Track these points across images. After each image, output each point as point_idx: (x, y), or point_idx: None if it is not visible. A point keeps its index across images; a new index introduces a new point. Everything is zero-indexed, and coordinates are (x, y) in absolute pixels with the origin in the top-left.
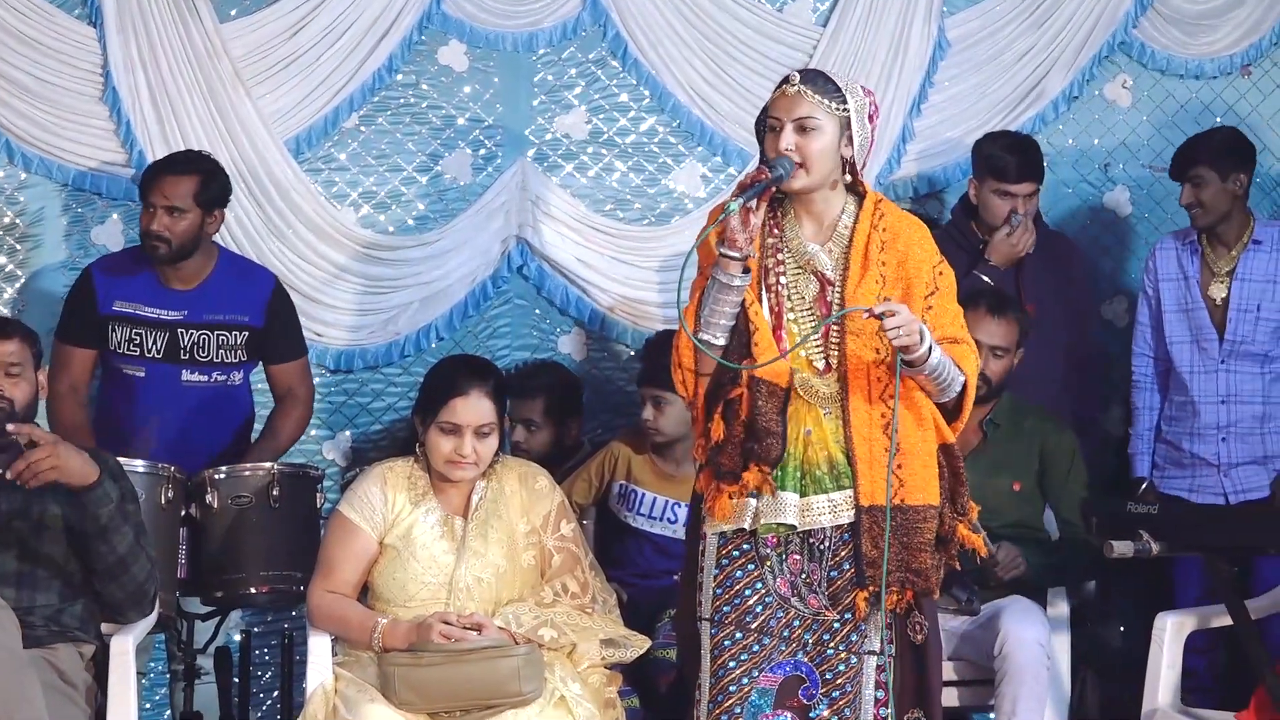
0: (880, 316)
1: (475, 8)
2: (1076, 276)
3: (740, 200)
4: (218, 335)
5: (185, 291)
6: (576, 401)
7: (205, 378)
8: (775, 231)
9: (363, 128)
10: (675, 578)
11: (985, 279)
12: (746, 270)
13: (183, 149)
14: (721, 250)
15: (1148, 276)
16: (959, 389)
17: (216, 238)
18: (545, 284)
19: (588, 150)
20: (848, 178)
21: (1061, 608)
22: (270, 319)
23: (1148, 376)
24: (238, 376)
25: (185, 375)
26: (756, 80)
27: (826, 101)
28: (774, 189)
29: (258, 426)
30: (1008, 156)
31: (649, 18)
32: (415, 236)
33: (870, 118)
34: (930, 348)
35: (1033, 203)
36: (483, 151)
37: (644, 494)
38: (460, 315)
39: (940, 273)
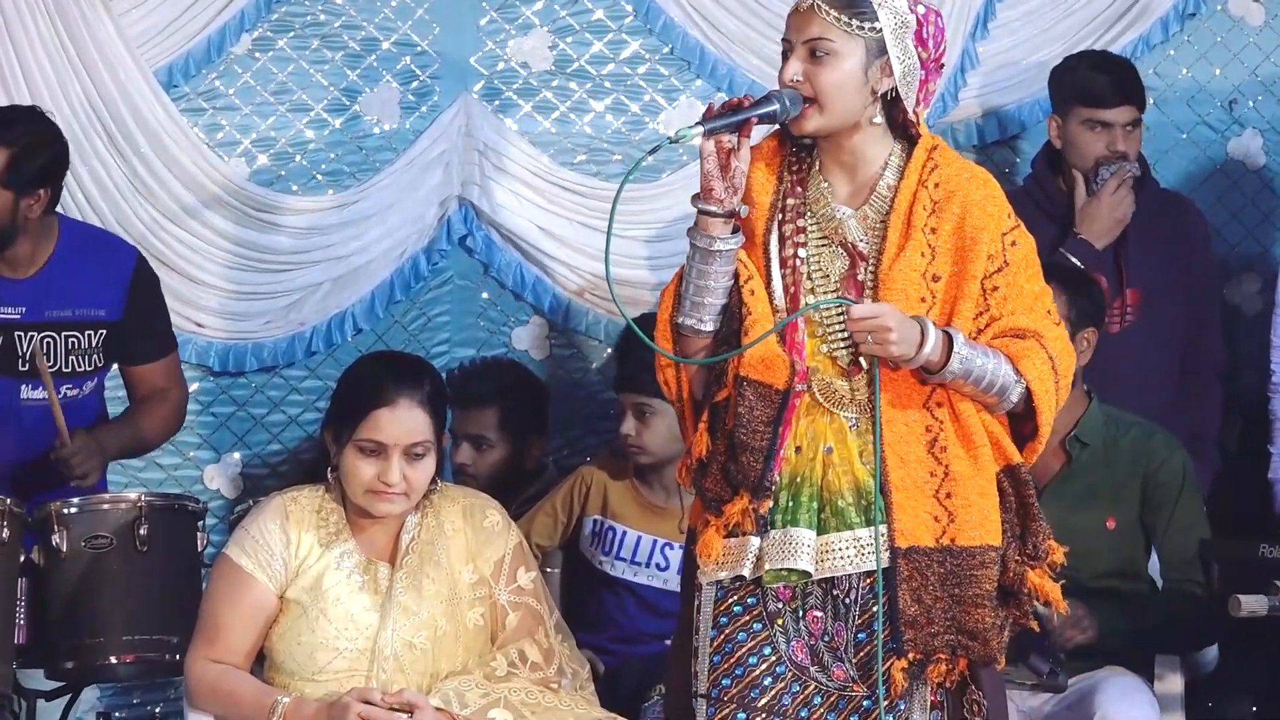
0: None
1: None
2: (1199, 251)
3: (703, 127)
4: (67, 338)
5: (19, 281)
6: (540, 413)
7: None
8: (797, 190)
9: (256, 54)
10: (667, 642)
11: (1073, 260)
12: (735, 230)
13: None
14: (698, 204)
15: None
16: (1016, 399)
17: (66, 200)
18: (495, 260)
19: (552, 84)
20: (879, 118)
21: (1173, 682)
22: (131, 308)
23: None
24: (89, 386)
25: (25, 392)
26: None
27: (846, 18)
28: (750, 129)
29: None
30: (1098, 75)
31: None
32: (325, 197)
33: (923, 39)
34: (951, 351)
35: (1133, 140)
36: (414, 85)
37: (625, 532)
38: (385, 300)
39: (1013, 243)
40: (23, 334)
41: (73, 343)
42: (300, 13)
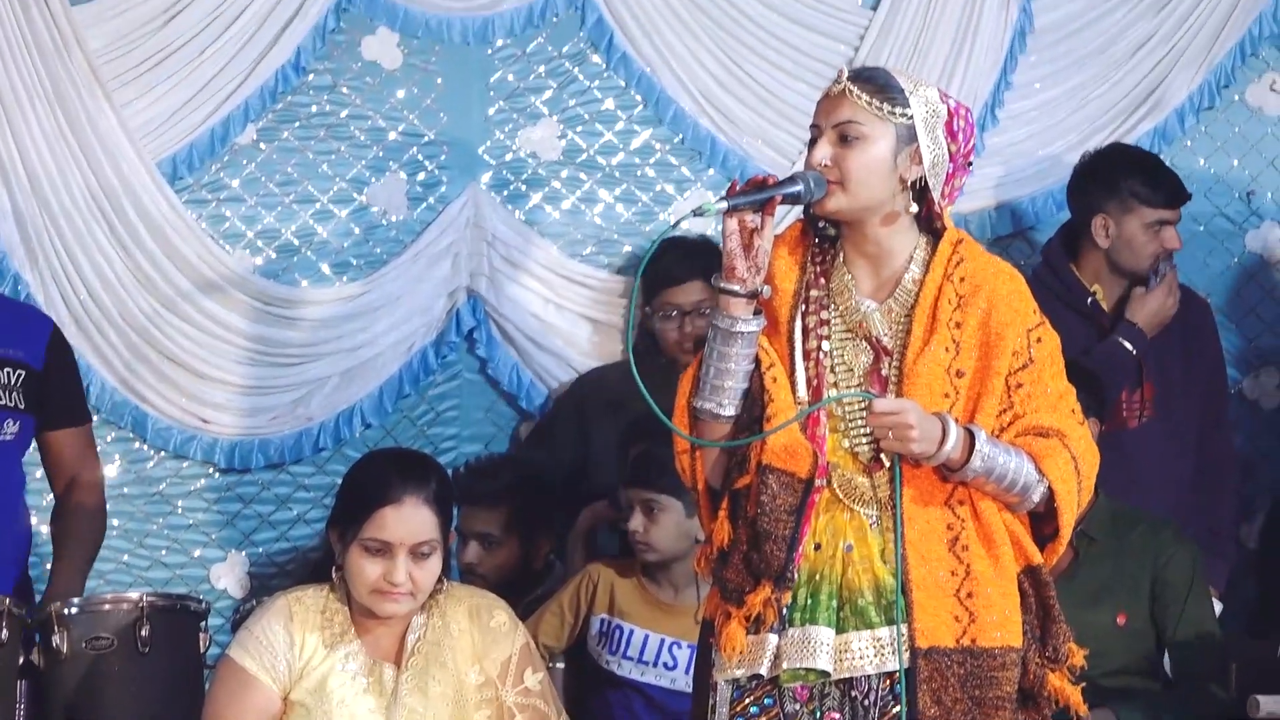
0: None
1: None
2: (1207, 345)
3: (727, 203)
4: None
5: None
6: (548, 511)
7: None
8: (821, 282)
9: (262, 145)
10: None
11: (1127, 346)
12: (757, 312)
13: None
14: (720, 284)
15: None
16: (1038, 499)
17: (67, 292)
18: (494, 358)
19: (561, 174)
20: (913, 207)
21: None
22: (51, 363)
23: None
24: (13, 427)
25: None
26: (784, 81)
27: (878, 104)
28: (806, 207)
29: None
30: (1161, 175)
31: None
32: (332, 289)
33: (954, 131)
34: (972, 449)
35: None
36: (422, 176)
37: (633, 631)
38: (393, 395)
39: (1039, 340)
40: None
41: None
42: (305, 103)
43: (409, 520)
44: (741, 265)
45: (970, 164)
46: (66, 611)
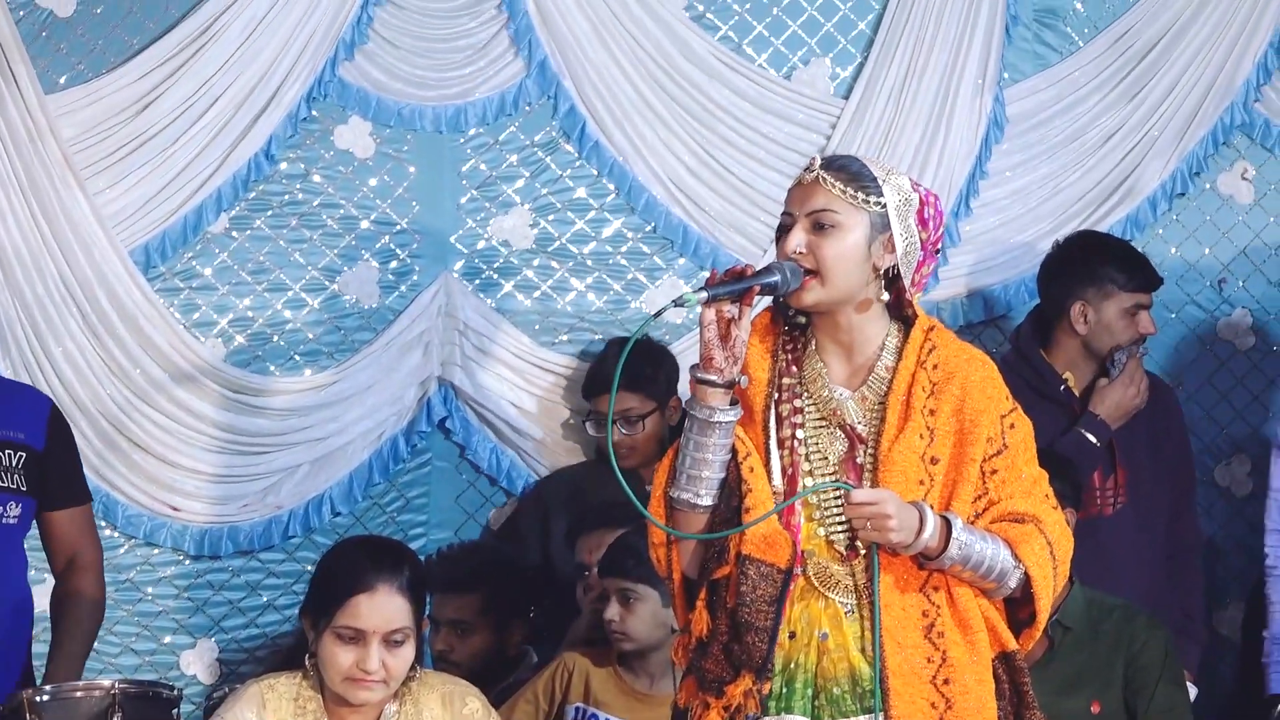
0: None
1: (383, 73)
2: (1174, 432)
3: (706, 293)
4: None
5: None
6: (521, 598)
7: None
8: (793, 370)
9: (234, 233)
10: None
11: (1090, 439)
12: (734, 402)
13: None
14: (697, 374)
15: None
16: (1014, 584)
17: (38, 380)
18: (471, 443)
19: (533, 263)
20: (885, 295)
21: None
22: (52, 443)
23: None
24: (15, 510)
25: None
26: (757, 170)
27: (852, 191)
28: (777, 299)
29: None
30: (1138, 260)
31: (615, 87)
32: (303, 377)
33: (924, 219)
34: (949, 537)
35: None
36: (394, 264)
37: None
38: (363, 483)
39: (1012, 426)
40: None
41: None
42: (278, 191)
43: (382, 608)
44: (719, 355)
45: (939, 251)
46: (38, 699)
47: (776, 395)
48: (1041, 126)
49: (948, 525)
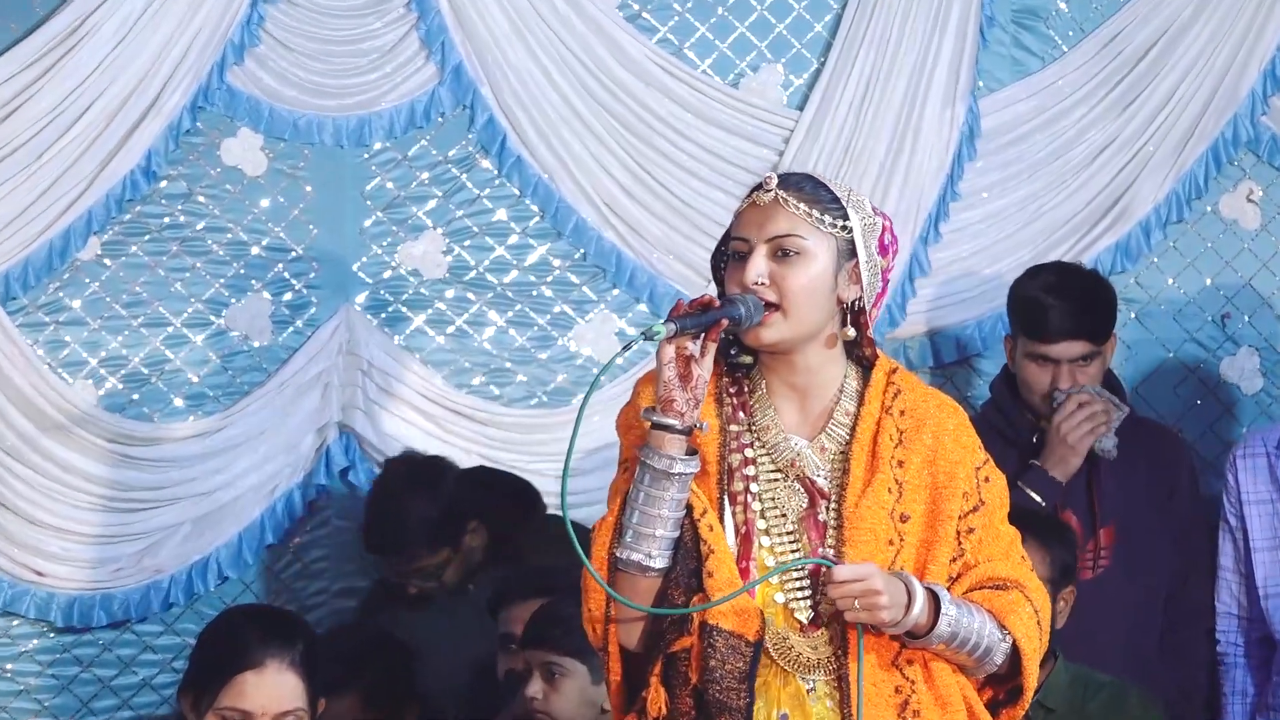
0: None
1: (276, 79)
2: (1183, 487)
3: (674, 325)
4: None
5: None
6: (408, 681)
7: None
8: (740, 416)
9: (107, 260)
10: None
11: (1033, 495)
12: (692, 451)
13: None
14: (654, 418)
15: (1228, 498)
16: (1002, 658)
17: None
18: None
19: (446, 295)
20: (850, 332)
21: None
22: None
23: (1236, 648)
24: None
25: None
26: (700, 190)
27: (817, 214)
28: (728, 334)
29: None
30: (1045, 300)
31: (540, 97)
32: (186, 424)
33: (884, 247)
34: (937, 613)
35: (1088, 375)
36: (289, 296)
37: None
38: (254, 544)
39: (987, 479)
40: None
41: None
42: (157, 213)
43: (271, 687)
44: (680, 397)
45: (888, 284)
46: None
47: (729, 444)
48: (1020, 142)
49: (934, 599)
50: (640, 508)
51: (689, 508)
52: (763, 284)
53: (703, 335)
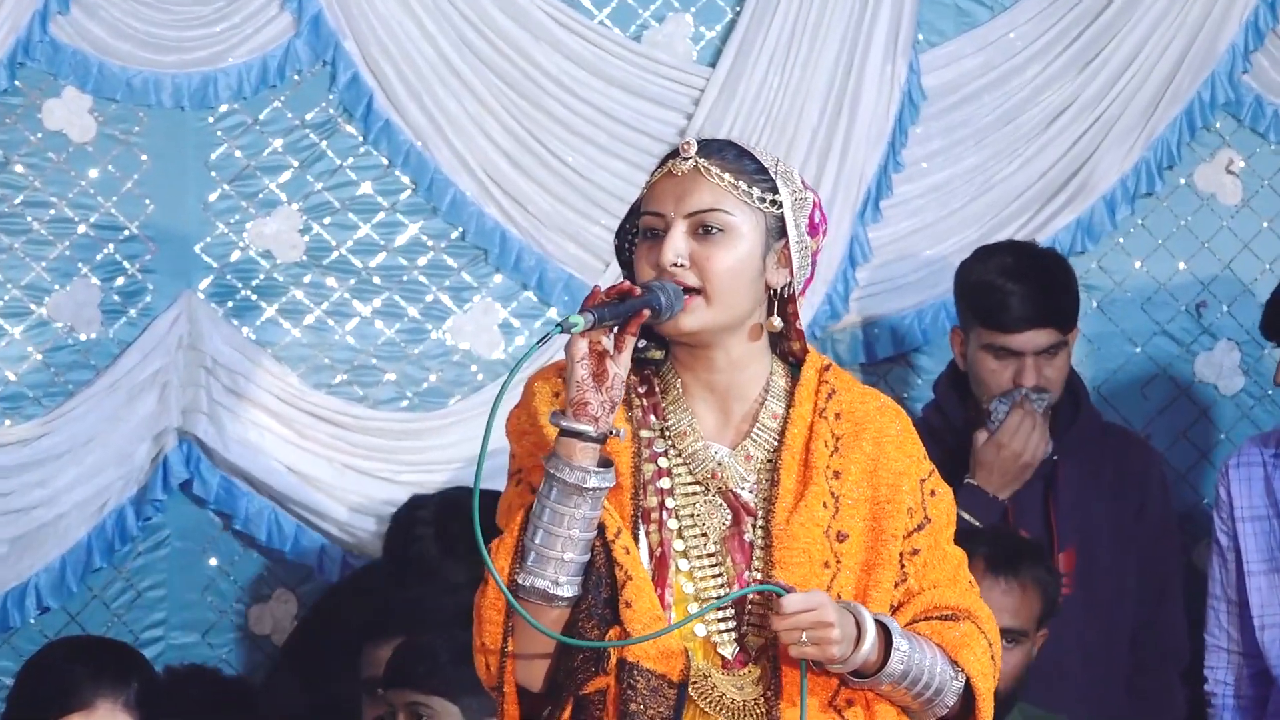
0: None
1: (107, 31)
2: (1153, 504)
3: (592, 316)
4: None
5: None
6: None
7: None
8: (653, 419)
9: None
10: None
11: (966, 517)
12: (607, 463)
13: None
14: (563, 423)
15: (1219, 515)
16: (954, 699)
17: None
18: (239, 510)
19: (304, 280)
20: (776, 322)
21: None
22: None
23: (1226, 687)
24: None
25: None
26: (597, 159)
27: (745, 186)
28: (639, 325)
29: None
30: (1005, 285)
31: (412, 51)
32: (1, 429)
33: (814, 226)
34: (886, 647)
35: (1055, 369)
36: (121, 282)
37: None
38: (80, 569)
39: (933, 493)
40: None
41: None
42: None
43: None
44: (595, 400)
45: (814, 266)
46: None
47: (638, 454)
48: (966, 104)
49: (884, 632)
50: (545, 526)
51: (601, 527)
52: (682, 265)
53: (621, 328)
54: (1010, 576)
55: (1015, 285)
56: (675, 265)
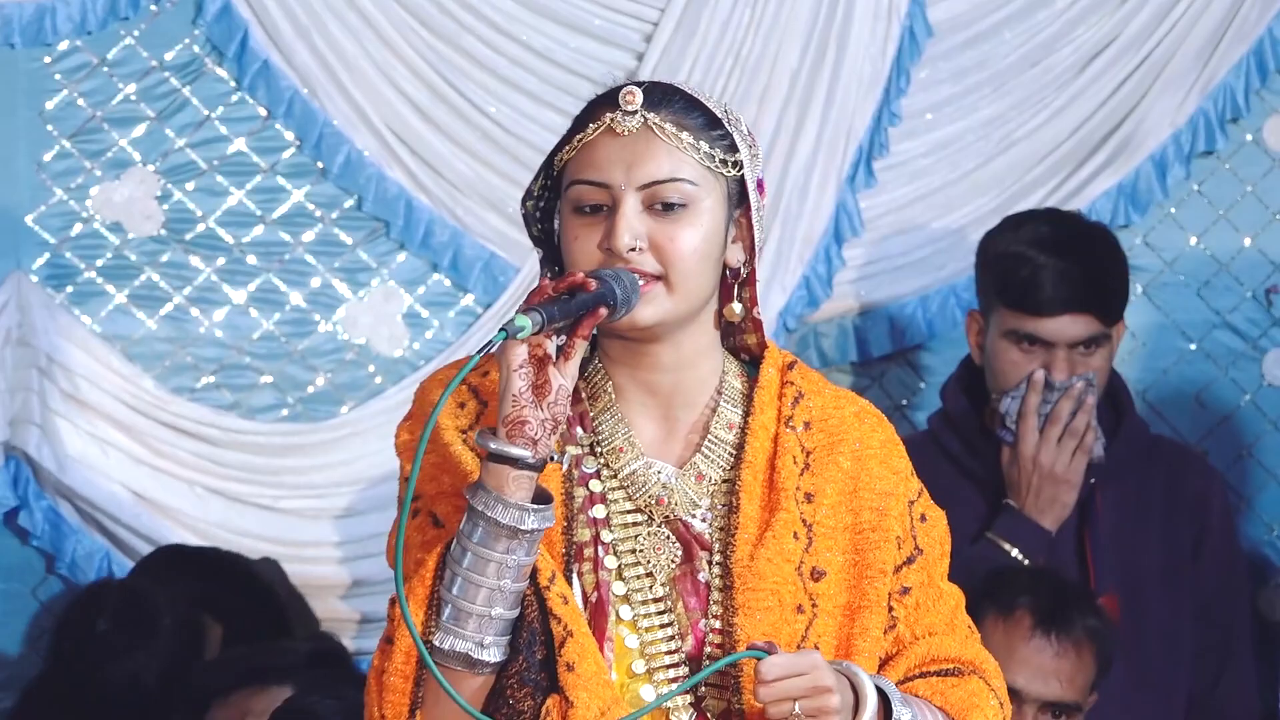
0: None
1: None
2: (1214, 536)
3: (539, 316)
4: None
5: None
6: None
7: None
8: (580, 432)
9: None
10: None
11: (1009, 548)
12: (545, 498)
13: None
14: (492, 445)
15: None
16: None
17: None
18: (67, 550)
19: (160, 259)
20: (737, 309)
21: None
22: None
23: None
24: None
25: None
26: (527, 110)
27: (707, 147)
28: (593, 326)
29: None
30: (1035, 254)
31: None
32: None
33: (760, 184)
34: (885, 716)
35: (1093, 365)
36: None
37: None
38: None
39: (922, 518)
40: None
41: None
42: None
43: None
44: (534, 417)
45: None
46: None
47: (567, 477)
48: (980, 42)
49: (882, 698)
50: (466, 575)
51: (533, 573)
52: (640, 249)
53: (570, 331)
54: (1063, 635)
55: (1049, 259)
56: (634, 250)
